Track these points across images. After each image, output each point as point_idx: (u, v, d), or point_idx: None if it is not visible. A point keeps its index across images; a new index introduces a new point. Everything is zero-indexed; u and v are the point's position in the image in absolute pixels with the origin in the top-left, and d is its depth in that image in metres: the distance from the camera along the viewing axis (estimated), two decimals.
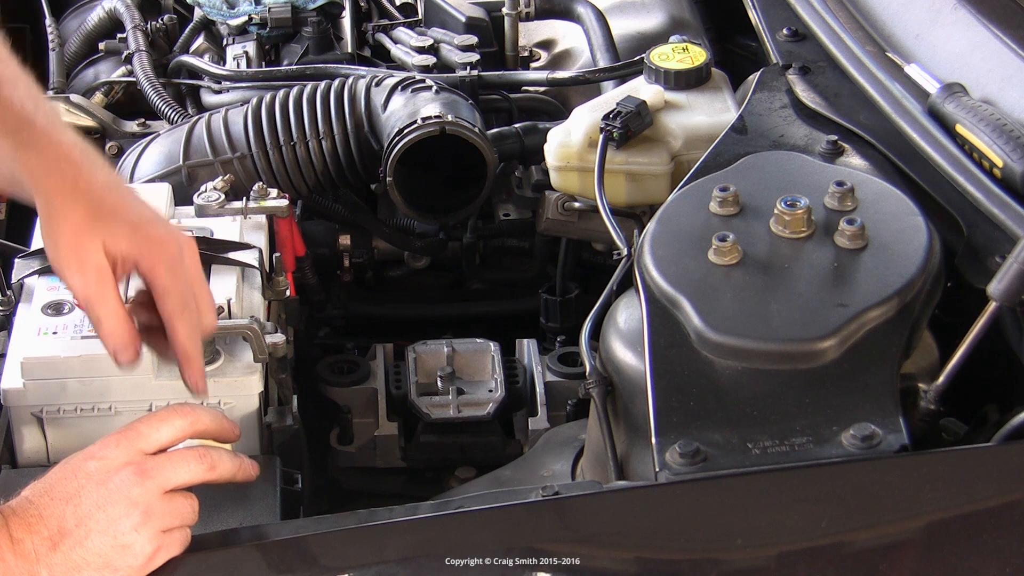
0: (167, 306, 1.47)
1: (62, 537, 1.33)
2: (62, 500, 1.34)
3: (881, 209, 1.57)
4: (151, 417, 1.41)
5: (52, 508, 1.33)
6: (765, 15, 2.09)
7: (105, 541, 1.34)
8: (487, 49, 2.38)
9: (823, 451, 1.38)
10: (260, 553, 1.41)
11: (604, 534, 1.41)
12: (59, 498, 1.34)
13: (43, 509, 1.33)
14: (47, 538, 1.32)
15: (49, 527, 1.33)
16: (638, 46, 2.30)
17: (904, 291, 1.47)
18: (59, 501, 1.34)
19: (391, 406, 1.96)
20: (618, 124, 1.88)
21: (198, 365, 1.50)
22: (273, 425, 1.73)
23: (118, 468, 1.36)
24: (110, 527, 1.34)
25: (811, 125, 1.82)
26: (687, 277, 1.50)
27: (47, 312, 1.70)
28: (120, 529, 1.34)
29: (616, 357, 1.53)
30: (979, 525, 1.38)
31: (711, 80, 2.01)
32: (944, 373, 1.45)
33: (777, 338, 1.44)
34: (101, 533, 1.34)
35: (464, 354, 2.01)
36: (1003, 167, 1.60)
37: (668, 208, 1.62)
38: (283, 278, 1.85)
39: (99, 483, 1.35)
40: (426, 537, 1.41)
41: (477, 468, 1.90)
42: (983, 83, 1.72)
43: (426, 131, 2.02)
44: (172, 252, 1.47)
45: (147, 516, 1.35)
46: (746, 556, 1.38)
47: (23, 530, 1.32)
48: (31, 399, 1.65)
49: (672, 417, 1.41)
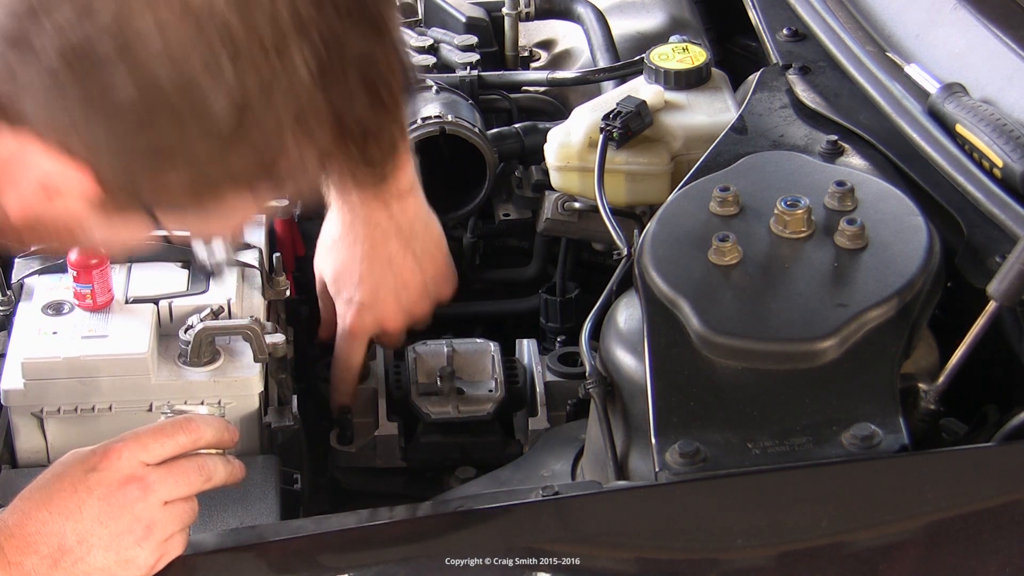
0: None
1: (63, 554, 1.31)
2: (62, 516, 1.31)
3: (881, 209, 1.57)
4: (156, 432, 1.38)
5: (52, 524, 1.31)
6: (765, 15, 2.09)
7: (108, 557, 1.32)
8: (487, 49, 2.38)
9: (823, 451, 1.38)
10: (260, 553, 1.41)
11: (604, 534, 1.41)
12: (59, 513, 1.31)
13: (42, 525, 1.31)
14: (47, 556, 1.30)
15: (49, 544, 1.30)
16: (638, 46, 2.30)
17: (904, 291, 1.47)
18: (59, 516, 1.31)
19: (391, 406, 1.96)
20: (618, 124, 1.88)
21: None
22: (273, 425, 1.73)
23: (121, 483, 1.34)
24: (113, 543, 1.32)
25: (811, 125, 1.82)
26: (687, 277, 1.50)
27: (47, 312, 1.70)
28: (123, 544, 1.33)
29: (616, 357, 1.53)
30: (979, 525, 1.38)
31: (711, 80, 2.01)
32: (944, 373, 1.45)
33: (777, 338, 1.44)
34: (104, 549, 1.32)
35: (464, 354, 2.01)
36: (1003, 167, 1.60)
37: (668, 208, 1.61)
38: (283, 278, 1.85)
39: (101, 498, 1.32)
40: (426, 537, 1.41)
41: (477, 468, 1.90)
42: (983, 83, 1.72)
43: (426, 131, 2.02)
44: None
45: (150, 530, 1.34)
46: (746, 556, 1.38)
47: (20, 552, 1.29)
48: (31, 399, 1.65)
49: (672, 417, 1.41)
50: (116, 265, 1.74)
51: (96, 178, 1.17)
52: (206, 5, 1.10)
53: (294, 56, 1.12)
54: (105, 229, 1.25)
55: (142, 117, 1.12)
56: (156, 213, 1.22)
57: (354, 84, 1.17)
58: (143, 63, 1.10)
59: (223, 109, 1.12)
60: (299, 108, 1.14)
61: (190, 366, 1.68)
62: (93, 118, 1.13)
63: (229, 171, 1.17)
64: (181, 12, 1.09)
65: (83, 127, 1.13)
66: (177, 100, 1.11)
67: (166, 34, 1.09)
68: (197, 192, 1.19)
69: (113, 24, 1.09)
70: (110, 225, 1.24)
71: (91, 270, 1.68)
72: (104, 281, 1.69)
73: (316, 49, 1.13)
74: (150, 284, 1.75)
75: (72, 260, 1.68)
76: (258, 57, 1.11)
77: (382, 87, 1.19)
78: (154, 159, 1.15)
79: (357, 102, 1.17)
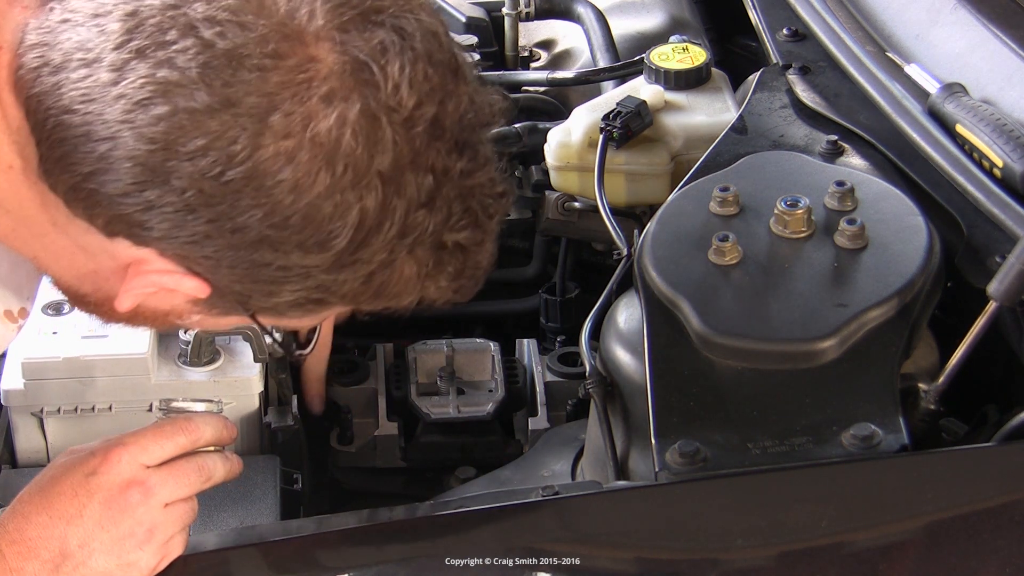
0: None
1: (64, 559, 1.30)
2: (63, 520, 1.31)
3: (881, 209, 1.57)
4: (156, 433, 1.37)
5: (52, 529, 1.31)
6: (765, 15, 2.08)
7: (110, 560, 1.32)
8: (487, 49, 2.38)
9: (823, 451, 1.38)
10: (260, 553, 1.41)
11: (604, 534, 1.41)
12: (60, 518, 1.31)
13: (43, 530, 1.30)
14: (48, 561, 1.30)
15: (50, 549, 1.30)
16: (638, 46, 2.30)
17: (904, 291, 1.47)
18: (60, 521, 1.31)
19: (391, 406, 1.96)
20: (618, 124, 1.88)
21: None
22: (273, 425, 1.73)
23: (122, 487, 1.33)
24: (115, 547, 1.32)
25: (811, 125, 1.82)
26: (687, 277, 1.50)
27: (47, 312, 1.70)
28: (125, 548, 1.32)
29: (616, 357, 1.53)
30: (979, 525, 1.38)
31: (711, 80, 2.01)
32: (944, 373, 1.45)
33: (777, 338, 1.44)
34: (106, 553, 1.32)
35: (464, 354, 2.01)
36: (1003, 167, 1.60)
37: (668, 208, 1.61)
38: None
39: (102, 502, 1.32)
40: (426, 537, 1.41)
41: (477, 468, 1.90)
42: (983, 83, 1.72)
43: None
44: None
45: (151, 533, 1.33)
46: (746, 556, 1.38)
47: (21, 558, 1.29)
48: (31, 399, 1.65)
49: (672, 417, 1.41)
50: None
51: (209, 290, 1.23)
52: (333, 139, 1.15)
53: (408, 186, 1.19)
54: (203, 322, 1.32)
55: (265, 240, 1.18)
56: (258, 317, 1.29)
57: (456, 208, 1.23)
58: (270, 191, 1.16)
59: (343, 235, 1.18)
60: (407, 232, 1.20)
61: (190, 366, 1.68)
62: (218, 240, 1.18)
63: (339, 290, 1.23)
64: (310, 144, 1.15)
65: (206, 247, 1.19)
66: (300, 226, 1.17)
67: (294, 164, 1.15)
68: (303, 306, 1.25)
69: (244, 153, 1.14)
70: (208, 320, 1.31)
71: None
72: None
73: (427, 179, 1.20)
74: None
75: None
76: (378, 187, 1.17)
77: (479, 209, 1.25)
78: (270, 278, 1.21)
79: (458, 224, 1.24)
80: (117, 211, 1.18)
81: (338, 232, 1.18)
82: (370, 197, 1.17)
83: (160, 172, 1.15)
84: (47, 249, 1.27)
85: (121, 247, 1.22)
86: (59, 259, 1.28)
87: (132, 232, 1.19)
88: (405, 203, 1.19)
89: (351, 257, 1.20)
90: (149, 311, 1.29)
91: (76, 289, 1.31)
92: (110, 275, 1.26)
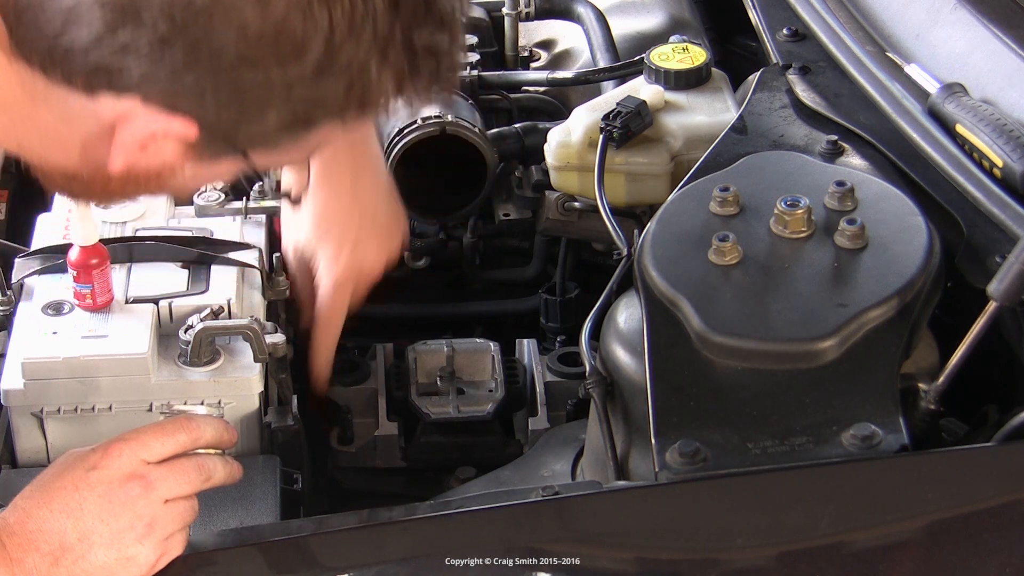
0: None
1: (64, 552, 1.31)
2: (63, 514, 1.32)
3: (881, 209, 1.57)
4: (157, 430, 1.38)
5: (52, 522, 1.31)
6: (765, 15, 2.09)
7: (109, 554, 1.32)
8: (487, 49, 2.38)
9: (823, 451, 1.38)
10: (260, 553, 1.41)
11: (604, 534, 1.41)
12: (60, 511, 1.32)
13: (43, 523, 1.31)
14: (48, 553, 1.30)
15: (50, 542, 1.31)
16: (638, 46, 2.30)
17: (904, 291, 1.47)
18: (60, 514, 1.32)
19: (391, 406, 1.96)
20: (618, 124, 1.88)
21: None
22: (273, 425, 1.73)
23: (122, 480, 1.34)
24: (114, 540, 1.33)
25: (811, 125, 1.82)
26: (687, 277, 1.50)
27: (47, 312, 1.70)
28: (124, 542, 1.33)
29: (616, 357, 1.53)
30: (979, 525, 1.38)
31: (711, 80, 2.01)
32: (944, 373, 1.45)
33: (777, 338, 1.44)
34: (105, 546, 1.32)
35: (464, 354, 2.01)
36: (1003, 167, 1.60)
37: (668, 208, 1.62)
38: (283, 278, 1.85)
39: (102, 496, 1.33)
40: (426, 537, 1.41)
41: (477, 468, 1.90)
42: (983, 83, 1.72)
43: (426, 131, 2.02)
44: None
45: (151, 527, 1.34)
46: (746, 556, 1.38)
47: (21, 550, 1.30)
48: (31, 399, 1.65)
49: (672, 417, 1.41)
50: (116, 265, 1.74)
51: (198, 127, 1.24)
52: None
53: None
54: (197, 173, 1.33)
55: (243, 60, 1.21)
56: (249, 153, 1.30)
57: (420, 9, 1.26)
58: (240, 8, 1.18)
59: (316, 46, 1.21)
60: (378, 36, 1.23)
61: (190, 366, 1.68)
62: (196, 69, 1.20)
63: (323, 103, 1.26)
64: None
65: (187, 79, 1.21)
66: (273, 39, 1.20)
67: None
68: (292, 127, 1.27)
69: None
70: (202, 169, 1.33)
71: (91, 270, 1.68)
72: (104, 281, 1.69)
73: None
74: (150, 284, 1.75)
75: (72, 260, 1.68)
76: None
77: (443, 10, 1.28)
78: (255, 99, 1.23)
79: (425, 26, 1.27)
80: (94, 62, 1.20)
81: (312, 39, 1.20)
82: (337, 5, 1.20)
83: (129, 10, 1.18)
84: (31, 132, 1.29)
85: (105, 104, 1.24)
86: (44, 138, 1.29)
87: (112, 81, 1.21)
88: (372, 6, 1.22)
89: (329, 68, 1.22)
90: (142, 172, 1.30)
91: (65, 168, 1.33)
92: (97, 141, 1.28)
